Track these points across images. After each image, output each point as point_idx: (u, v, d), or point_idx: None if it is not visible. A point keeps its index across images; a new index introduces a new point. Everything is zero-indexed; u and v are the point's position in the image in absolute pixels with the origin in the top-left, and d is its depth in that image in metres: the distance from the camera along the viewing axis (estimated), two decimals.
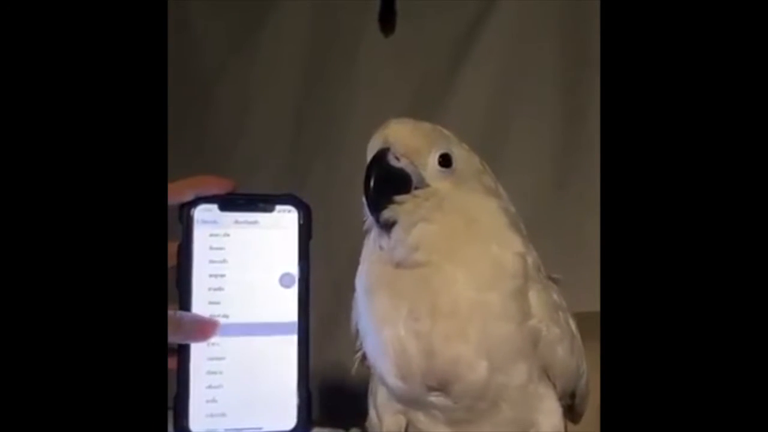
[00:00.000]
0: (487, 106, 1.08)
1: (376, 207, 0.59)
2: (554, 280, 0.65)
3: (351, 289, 0.65)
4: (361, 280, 0.62)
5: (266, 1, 1.17)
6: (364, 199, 0.59)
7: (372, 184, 0.58)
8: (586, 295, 0.62)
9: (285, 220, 0.57)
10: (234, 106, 1.16)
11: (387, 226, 0.58)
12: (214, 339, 0.56)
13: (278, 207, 0.57)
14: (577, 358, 0.64)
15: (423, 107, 1.07)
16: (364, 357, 0.64)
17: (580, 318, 0.66)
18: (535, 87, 1.09)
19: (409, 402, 0.62)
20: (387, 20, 1.11)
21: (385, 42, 1.12)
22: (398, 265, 0.58)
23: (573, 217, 1.03)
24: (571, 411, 0.68)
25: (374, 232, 0.61)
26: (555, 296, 0.63)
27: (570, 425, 0.68)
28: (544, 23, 1.10)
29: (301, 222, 0.57)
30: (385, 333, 0.58)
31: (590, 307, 0.59)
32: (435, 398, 0.59)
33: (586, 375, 0.66)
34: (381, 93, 1.09)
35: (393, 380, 0.59)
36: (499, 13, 1.10)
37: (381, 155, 0.59)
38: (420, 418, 0.62)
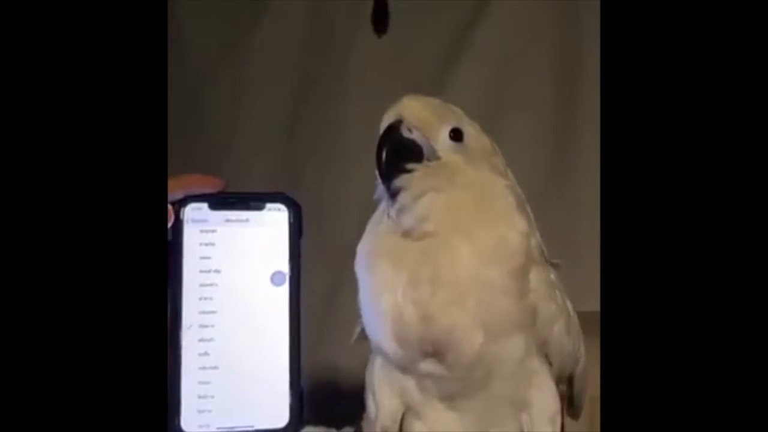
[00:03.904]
0: (481, 106, 1.08)
1: (388, 176, 0.59)
2: (554, 265, 0.65)
3: (344, 288, 0.65)
4: (363, 248, 0.62)
5: (259, 1, 1.17)
6: (376, 170, 0.60)
7: (384, 153, 0.59)
8: (585, 295, 0.62)
9: (275, 219, 0.57)
10: (227, 107, 1.17)
11: (398, 195, 0.59)
12: (205, 336, 0.55)
13: (269, 205, 0.57)
14: (574, 339, 0.65)
15: None
16: (363, 331, 0.64)
17: (580, 317, 0.66)
18: (528, 87, 1.09)
19: (405, 370, 0.61)
20: (380, 20, 1.11)
21: (378, 42, 1.12)
22: (405, 234, 0.59)
23: (570, 216, 1.03)
24: (570, 405, 0.68)
25: (384, 202, 0.61)
26: (553, 276, 0.63)
27: (569, 425, 0.68)
28: (536, 24, 1.10)
29: (292, 220, 0.57)
30: (383, 299, 0.59)
31: (590, 306, 0.59)
32: (429, 365, 0.59)
33: (583, 361, 0.67)
34: (374, 93, 1.09)
35: (389, 344, 0.59)
36: (492, 14, 1.11)
37: (394, 126, 0.60)
38: (415, 396, 0.62)
